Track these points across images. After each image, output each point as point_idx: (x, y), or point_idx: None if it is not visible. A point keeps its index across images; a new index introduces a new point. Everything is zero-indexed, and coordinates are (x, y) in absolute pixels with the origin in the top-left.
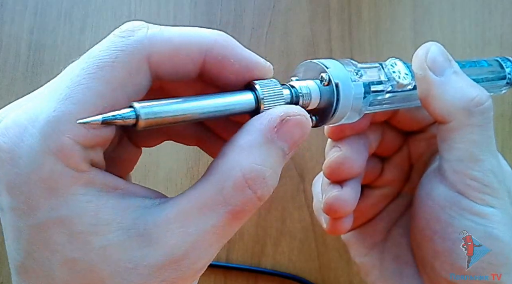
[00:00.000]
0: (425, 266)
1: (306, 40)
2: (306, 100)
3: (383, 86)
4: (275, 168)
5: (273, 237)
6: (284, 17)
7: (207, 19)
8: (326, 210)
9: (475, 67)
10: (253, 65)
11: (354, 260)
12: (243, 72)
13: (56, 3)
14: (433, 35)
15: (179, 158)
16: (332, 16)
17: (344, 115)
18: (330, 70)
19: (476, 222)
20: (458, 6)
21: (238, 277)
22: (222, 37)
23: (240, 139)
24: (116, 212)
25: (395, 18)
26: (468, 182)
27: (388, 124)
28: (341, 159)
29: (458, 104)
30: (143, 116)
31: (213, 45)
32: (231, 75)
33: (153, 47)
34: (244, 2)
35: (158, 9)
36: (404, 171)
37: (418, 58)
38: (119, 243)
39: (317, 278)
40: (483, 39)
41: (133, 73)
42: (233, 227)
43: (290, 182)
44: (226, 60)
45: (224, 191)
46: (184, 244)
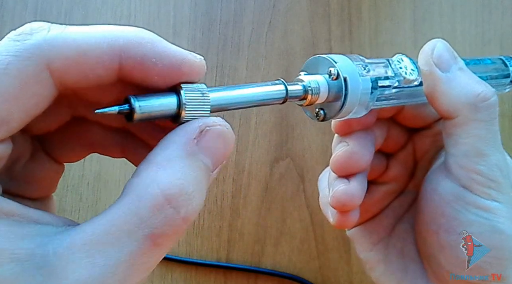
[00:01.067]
0: (430, 260)
1: (306, 40)
2: (315, 94)
3: (390, 82)
4: (199, 186)
5: (273, 237)
6: (284, 17)
7: (207, 19)
8: (334, 204)
9: (479, 64)
10: (179, 63)
11: (359, 255)
12: (168, 72)
13: (56, 3)
14: (433, 35)
15: None
16: (332, 16)
17: (352, 110)
18: (339, 64)
19: (481, 216)
20: (458, 6)
21: (238, 277)
22: (139, 34)
23: (157, 154)
24: (9, 241)
25: (395, 18)
26: (473, 176)
27: (393, 121)
28: (348, 153)
29: (464, 99)
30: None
31: (128, 44)
32: (156, 76)
33: (54, 52)
34: (244, 2)
35: (158, 9)
36: (409, 168)
37: (425, 54)
38: (13, 277)
39: (317, 278)
40: (483, 39)
41: (29, 82)
42: (156, 255)
43: (290, 182)
44: (147, 59)
45: (140, 212)
46: (90, 278)
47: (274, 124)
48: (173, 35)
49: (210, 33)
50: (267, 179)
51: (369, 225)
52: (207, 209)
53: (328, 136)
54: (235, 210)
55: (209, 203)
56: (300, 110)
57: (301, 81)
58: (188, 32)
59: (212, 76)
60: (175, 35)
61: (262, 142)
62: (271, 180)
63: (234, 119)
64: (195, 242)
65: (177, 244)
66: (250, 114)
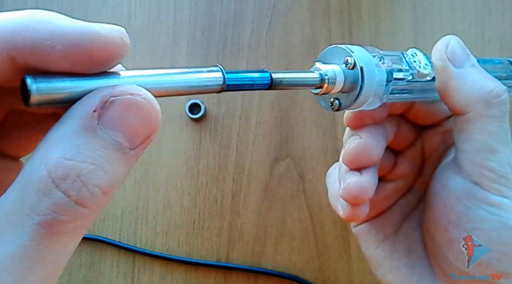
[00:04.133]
0: (437, 257)
1: (306, 40)
2: (331, 83)
3: (404, 74)
4: (101, 164)
5: (273, 237)
6: (284, 17)
7: (207, 19)
8: (345, 196)
9: (489, 64)
10: (87, 41)
11: (364, 252)
12: (73, 54)
13: (56, 3)
14: (433, 35)
15: (179, 158)
16: (332, 16)
17: (366, 100)
18: (355, 54)
19: (490, 212)
20: (458, 6)
21: (238, 277)
22: (29, 17)
23: (52, 131)
24: None
25: (395, 18)
26: (484, 172)
27: (403, 118)
28: (361, 146)
29: (476, 95)
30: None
31: (15, 31)
32: (60, 61)
33: None
34: (244, 2)
35: (158, 9)
36: (417, 166)
37: (438, 50)
38: None
39: (317, 278)
40: (483, 39)
41: None
42: (59, 244)
43: (290, 182)
44: (40, 43)
45: (28, 198)
46: None
47: (274, 124)
48: (173, 35)
49: (210, 33)
50: (267, 179)
51: (376, 222)
52: (207, 209)
53: (328, 136)
54: (235, 210)
55: (209, 203)
56: (300, 110)
57: (318, 70)
58: (188, 32)
59: None
60: (175, 35)
61: (262, 142)
62: (271, 180)
63: (234, 119)
64: (195, 242)
65: (177, 244)
66: (250, 114)
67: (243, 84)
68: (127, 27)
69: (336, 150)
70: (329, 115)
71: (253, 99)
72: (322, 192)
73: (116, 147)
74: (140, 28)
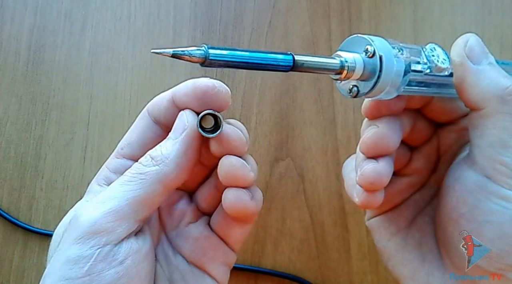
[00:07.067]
0: (448, 250)
1: (306, 40)
2: (351, 69)
3: (422, 67)
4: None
5: (273, 237)
6: (284, 17)
7: (207, 19)
8: (362, 182)
9: (507, 65)
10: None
11: (377, 245)
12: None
13: (56, 3)
14: (433, 35)
15: None
16: (332, 16)
17: (384, 89)
18: (376, 43)
19: (502, 205)
20: (458, 6)
21: (238, 277)
22: None
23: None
24: None
25: (395, 18)
26: (497, 167)
27: (420, 113)
28: (379, 134)
29: (492, 91)
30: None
31: None
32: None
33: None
34: (244, 2)
35: (158, 9)
36: (432, 162)
37: (457, 47)
38: None
39: (317, 278)
40: (483, 39)
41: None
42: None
43: (290, 182)
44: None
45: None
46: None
47: (274, 124)
48: (173, 35)
49: (210, 33)
50: (267, 179)
51: (389, 215)
52: None
53: (328, 136)
54: None
55: None
56: (300, 110)
57: (339, 57)
58: (188, 32)
59: (212, 76)
60: (175, 35)
61: (262, 142)
62: (271, 180)
63: (234, 119)
64: None
65: None
66: (250, 114)
67: (266, 63)
68: (127, 27)
69: (336, 150)
70: (329, 115)
71: (253, 99)
72: (322, 192)
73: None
74: (140, 28)
